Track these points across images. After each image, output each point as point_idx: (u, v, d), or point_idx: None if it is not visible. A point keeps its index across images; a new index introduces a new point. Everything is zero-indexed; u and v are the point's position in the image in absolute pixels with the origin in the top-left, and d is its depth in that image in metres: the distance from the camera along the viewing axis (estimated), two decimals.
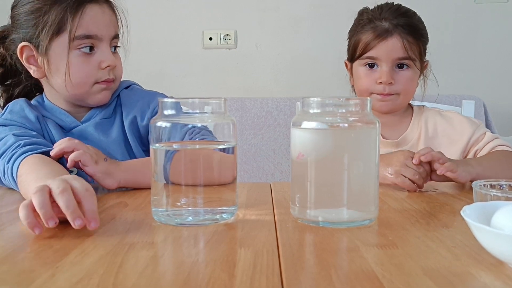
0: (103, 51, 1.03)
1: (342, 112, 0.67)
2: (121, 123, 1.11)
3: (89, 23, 1.01)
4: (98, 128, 1.09)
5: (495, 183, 0.75)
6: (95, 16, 1.02)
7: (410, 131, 1.22)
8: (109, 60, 1.03)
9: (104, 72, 1.04)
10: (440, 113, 1.24)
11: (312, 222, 0.67)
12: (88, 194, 0.64)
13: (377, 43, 1.16)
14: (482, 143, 1.15)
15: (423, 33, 1.19)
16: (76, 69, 1.01)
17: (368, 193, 0.67)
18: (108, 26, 1.04)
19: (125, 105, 1.12)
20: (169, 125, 0.68)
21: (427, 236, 0.62)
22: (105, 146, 1.06)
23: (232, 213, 0.70)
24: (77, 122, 1.09)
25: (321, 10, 2.46)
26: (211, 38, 2.48)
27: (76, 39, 1.00)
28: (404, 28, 1.15)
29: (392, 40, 1.15)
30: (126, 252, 0.55)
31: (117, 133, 1.10)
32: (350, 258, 0.54)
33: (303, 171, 0.67)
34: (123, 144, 1.09)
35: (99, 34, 1.02)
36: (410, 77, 1.17)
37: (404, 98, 1.20)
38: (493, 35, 2.44)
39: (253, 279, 0.47)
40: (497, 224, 0.52)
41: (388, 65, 1.16)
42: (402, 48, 1.14)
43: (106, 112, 1.11)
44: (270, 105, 2.27)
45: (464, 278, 0.47)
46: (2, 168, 0.92)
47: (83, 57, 1.02)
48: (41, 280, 0.47)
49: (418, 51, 1.17)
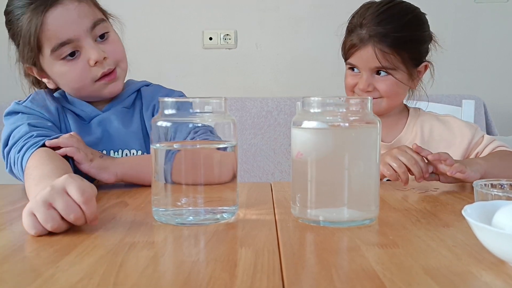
0: (86, 48, 1.00)
1: (342, 111, 0.67)
2: (140, 115, 1.12)
3: (56, 31, 0.97)
4: (119, 116, 1.10)
5: (496, 183, 0.75)
6: (57, 20, 0.97)
7: (404, 134, 1.21)
8: (95, 56, 1.00)
9: (97, 68, 1.03)
10: (436, 117, 1.23)
11: (312, 221, 0.67)
12: (84, 200, 0.62)
13: (354, 52, 1.16)
14: (482, 146, 1.15)
15: (411, 39, 1.14)
16: (68, 78, 1.03)
17: (369, 193, 0.67)
18: (78, 22, 0.99)
19: (145, 98, 1.14)
20: (169, 124, 0.68)
21: (428, 235, 0.62)
22: (124, 136, 1.08)
23: (232, 212, 0.70)
24: (98, 111, 1.10)
25: (321, 10, 2.46)
26: (211, 38, 2.48)
27: (52, 51, 0.99)
28: (379, 38, 1.11)
29: (365, 49, 1.13)
30: (127, 251, 0.55)
31: (137, 124, 1.11)
32: (351, 258, 0.54)
33: (303, 171, 0.67)
34: (141, 136, 1.11)
35: (71, 36, 0.98)
36: (391, 83, 1.14)
37: (389, 101, 1.17)
38: (493, 35, 2.44)
39: (254, 279, 0.47)
40: (498, 223, 0.52)
41: (367, 73, 1.15)
42: (375, 58, 1.12)
43: (127, 101, 1.12)
44: (270, 105, 2.27)
45: (465, 277, 0.47)
46: (13, 157, 0.94)
47: (69, 64, 1.01)
48: (42, 280, 0.47)
49: (399, 59, 1.12)
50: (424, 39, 1.18)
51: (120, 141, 1.06)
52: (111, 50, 1.04)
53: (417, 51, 1.16)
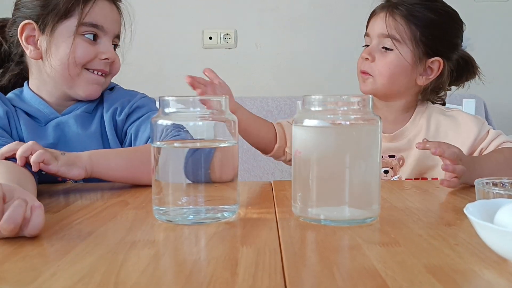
0: (105, 43, 1.08)
1: (343, 110, 0.67)
2: (101, 118, 1.12)
3: (98, 14, 1.06)
4: (78, 120, 1.09)
5: (497, 181, 0.75)
6: (104, 9, 1.07)
7: (409, 126, 1.20)
8: (109, 53, 1.08)
9: (101, 63, 1.08)
10: (443, 113, 1.21)
11: (314, 220, 0.67)
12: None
13: (370, 19, 1.20)
14: (487, 141, 1.13)
15: (426, 19, 1.13)
16: (75, 50, 1.04)
17: (370, 191, 0.67)
18: (114, 23, 1.10)
19: (107, 101, 1.13)
20: (170, 123, 0.68)
21: (430, 234, 0.61)
22: (82, 139, 1.07)
23: (233, 211, 0.70)
24: (56, 114, 1.09)
25: (321, 9, 2.46)
26: (211, 37, 2.48)
27: (83, 25, 1.04)
28: (394, 6, 1.15)
29: (379, 16, 1.17)
30: (128, 250, 0.55)
31: (96, 126, 1.10)
32: (353, 256, 0.53)
33: (304, 169, 0.67)
34: (100, 138, 1.10)
35: (105, 26, 1.07)
36: (389, 61, 1.14)
37: (382, 81, 1.15)
38: (494, 34, 2.44)
39: (256, 277, 0.46)
40: (500, 221, 0.52)
41: (374, 41, 1.17)
42: (384, 24, 1.14)
43: (88, 107, 1.12)
44: (270, 104, 2.27)
45: (468, 276, 0.47)
46: None
47: (86, 43, 1.05)
48: (43, 279, 0.47)
49: (408, 34, 1.13)
50: (445, 30, 1.17)
51: (78, 144, 1.04)
52: (115, 61, 1.12)
53: (430, 36, 1.14)
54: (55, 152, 0.88)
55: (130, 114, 1.12)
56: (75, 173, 0.87)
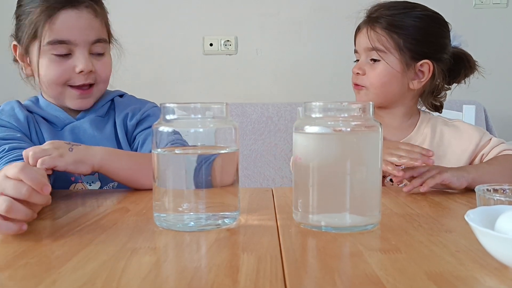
0: (78, 56, 1.04)
1: (344, 116, 0.67)
2: (113, 122, 1.14)
3: (62, 29, 1.02)
4: (93, 124, 1.11)
5: (498, 188, 0.75)
6: (69, 21, 1.02)
7: (413, 135, 1.22)
8: (83, 65, 1.03)
9: (79, 77, 1.05)
10: (446, 123, 1.24)
11: (314, 227, 0.67)
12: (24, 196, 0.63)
13: (356, 37, 1.24)
14: (488, 148, 1.15)
15: (406, 26, 1.15)
16: (47, 71, 1.04)
17: (371, 198, 0.67)
18: (84, 31, 1.04)
19: (118, 107, 1.15)
20: (171, 129, 0.68)
21: (431, 240, 0.61)
22: (99, 141, 1.09)
23: (234, 218, 0.70)
24: (71, 118, 1.11)
25: (321, 15, 2.47)
26: (212, 44, 2.48)
27: (48, 44, 1.02)
28: (374, 19, 1.17)
29: (362, 31, 1.20)
30: (129, 257, 0.55)
31: (110, 129, 1.13)
32: (354, 263, 0.53)
33: (305, 176, 0.67)
34: (115, 141, 1.12)
35: (72, 39, 1.02)
36: (378, 71, 1.17)
37: (375, 92, 1.18)
38: (493, 39, 2.45)
39: (257, 285, 0.46)
40: (501, 228, 0.52)
41: (363, 56, 1.20)
42: (367, 38, 1.17)
43: (100, 111, 1.14)
44: (270, 110, 2.28)
45: (469, 283, 0.47)
46: None
47: (56, 60, 1.03)
48: (44, 286, 0.47)
49: (392, 44, 1.15)
50: (428, 33, 1.18)
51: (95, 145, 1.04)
52: (99, 68, 1.08)
53: (414, 41, 1.16)
54: (62, 148, 0.89)
55: (141, 121, 1.14)
56: (82, 170, 0.90)
